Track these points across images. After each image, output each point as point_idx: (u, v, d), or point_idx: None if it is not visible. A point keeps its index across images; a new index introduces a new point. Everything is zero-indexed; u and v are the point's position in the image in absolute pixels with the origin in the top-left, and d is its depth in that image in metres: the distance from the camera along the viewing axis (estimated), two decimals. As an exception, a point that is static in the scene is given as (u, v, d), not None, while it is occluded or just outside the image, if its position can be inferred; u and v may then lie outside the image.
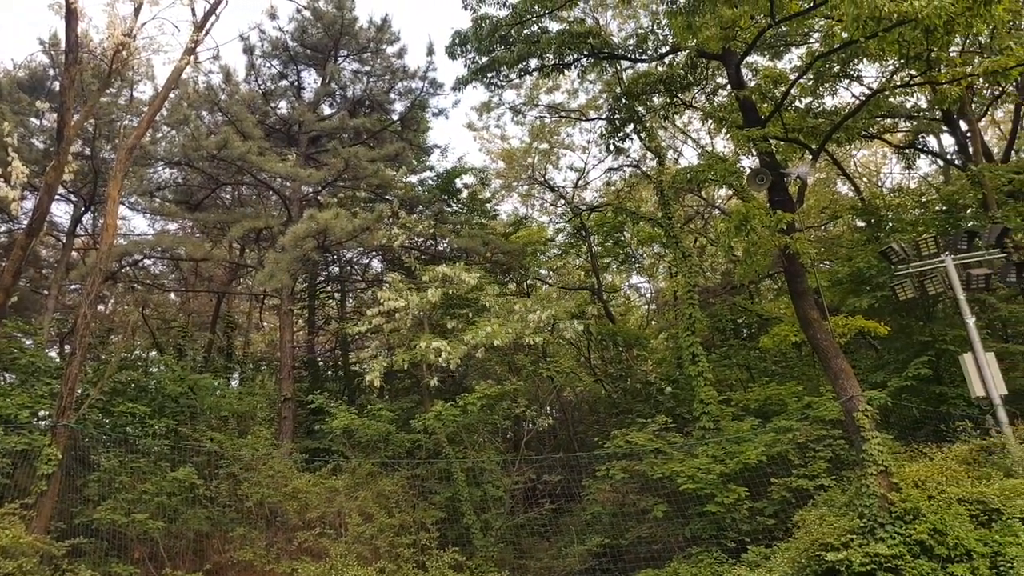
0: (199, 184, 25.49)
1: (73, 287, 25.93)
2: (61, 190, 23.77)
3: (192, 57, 17.51)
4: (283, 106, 26.18)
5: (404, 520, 16.09)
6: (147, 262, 27.40)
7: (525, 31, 17.25)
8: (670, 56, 17.88)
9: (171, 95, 21.15)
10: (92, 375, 18.25)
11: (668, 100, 18.71)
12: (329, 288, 31.02)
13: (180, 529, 15.87)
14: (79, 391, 14.38)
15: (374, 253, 26.97)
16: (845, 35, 13.09)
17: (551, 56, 17.33)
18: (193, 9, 19.30)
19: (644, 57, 17.72)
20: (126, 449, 16.79)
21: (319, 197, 24.43)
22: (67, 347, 24.69)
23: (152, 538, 14.90)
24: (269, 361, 31.08)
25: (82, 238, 26.89)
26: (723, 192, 29.22)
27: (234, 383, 28.73)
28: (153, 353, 26.48)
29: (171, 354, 24.84)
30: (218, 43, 35.20)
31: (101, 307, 27.82)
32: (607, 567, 16.49)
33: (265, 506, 16.35)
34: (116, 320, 28.35)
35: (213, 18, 19.73)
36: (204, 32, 19.38)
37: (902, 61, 13.81)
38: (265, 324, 35.16)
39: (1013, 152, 23.72)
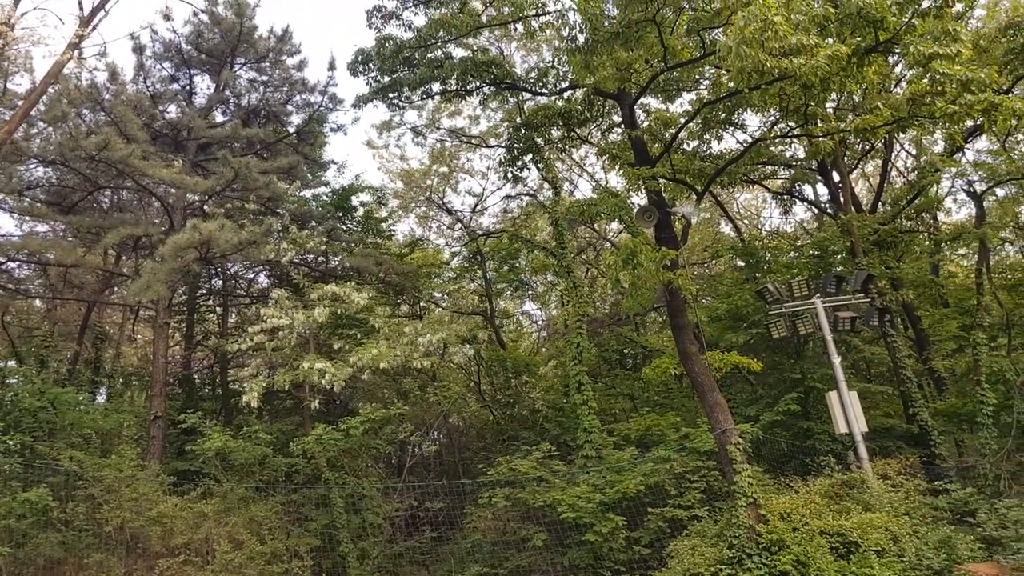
0: (75, 186, 23.94)
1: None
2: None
3: (76, 52, 16.61)
4: (172, 110, 25.02)
5: (277, 548, 15.53)
6: (11, 265, 25.44)
7: (429, 55, 17.26)
8: (569, 92, 18.31)
9: (50, 90, 19.90)
10: (-59, 385, 16.76)
11: (566, 134, 19.12)
12: (211, 302, 29.73)
13: (29, 555, 14.73)
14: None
15: (261, 268, 26.08)
16: (732, 85, 13.78)
17: (454, 82, 17.40)
18: (80, 2, 18.33)
19: (544, 91, 18.06)
20: (-30, 467, 15.48)
21: (205, 207, 23.42)
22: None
23: (-4, 565, 13.77)
24: (141, 376, 29.39)
25: (-60, 235, 24.74)
26: (614, 226, 30.05)
27: (101, 398, 26.98)
28: (11, 363, 24.54)
29: (31, 365, 23.12)
30: (106, 40, 33.30)
31: (-44, 311, 25.63)
32: (485, 596, 16.39)
33: (126, 531, 15.38)
34: (-31, 326, 26.15)
35: (102, 13, 18.85)
36: (91, 27, 18.43)
37: (782, 113, 14.61)
38: (139, 337, 33.29)
39: (880, 204, 25.49)
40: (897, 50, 12.45)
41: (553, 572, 16.59)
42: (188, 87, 25.23)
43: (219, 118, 25.45)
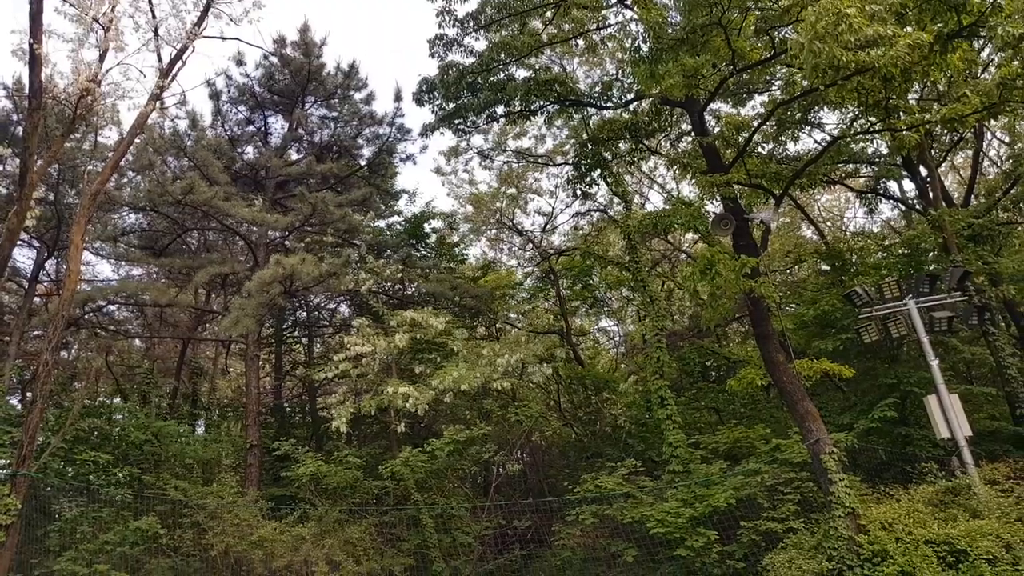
0: (164, 229, 25.21)
1: (35, 333, 25.34)
2: (24, 235, 23.43)
3: (158, 103, 17.47)
4: (250, 151, 26.16)
5: (372, 568, 15.80)
6: (111, 308, 26.91)
7: (492, 78, 17.49)
8: (635, 103, 18.25)
9: (136, 140, 21.01)
10: (54, 423, 17.80)
11: (633, 146, 19.02)
12: (296, 333, 30.68)
13: (143, 580, 15.43)
14: (40, 439, 14.03)
15: (341, 298, 26.79)
16: (806, 83, 13.43)
17: (517, 103, 17.58)
18: (159, 55, 19.31)
19: (609, 104, 18.05)
20: (88, 498, 16.41)
21: (286, 242, 24.26)
22: (28, 394, 24.05)
23: (114, 590, 14.44)
24: (235, 407, 30.51)
25: (45, 284, 26.45)
26: (689, 236, 29.57)
27: (199, 430, 28.14)
28: (117, 400, 25.88)
29: (135, 401, 24.33)
30: (184, 89, 34.85)
31: (64, 354, 27.21)
32: (579, 614, 16.23)
33: (230, 555, 15.94)
34: (79, 367, 27.72)
35: (179, 64, 19.78)
36: (170, 78, 19.37)
37: (862, 108, 14.12)
38: (231, 370, 34.58)
39: (973, 197, 24.29)
40: (983, 33, 11.88)
41: (646, 589, 16.29)
42: (263, 128, 26.30)
43: (294, 156, 26.40)
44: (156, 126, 22.87)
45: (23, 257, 25.56)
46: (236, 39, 18.64)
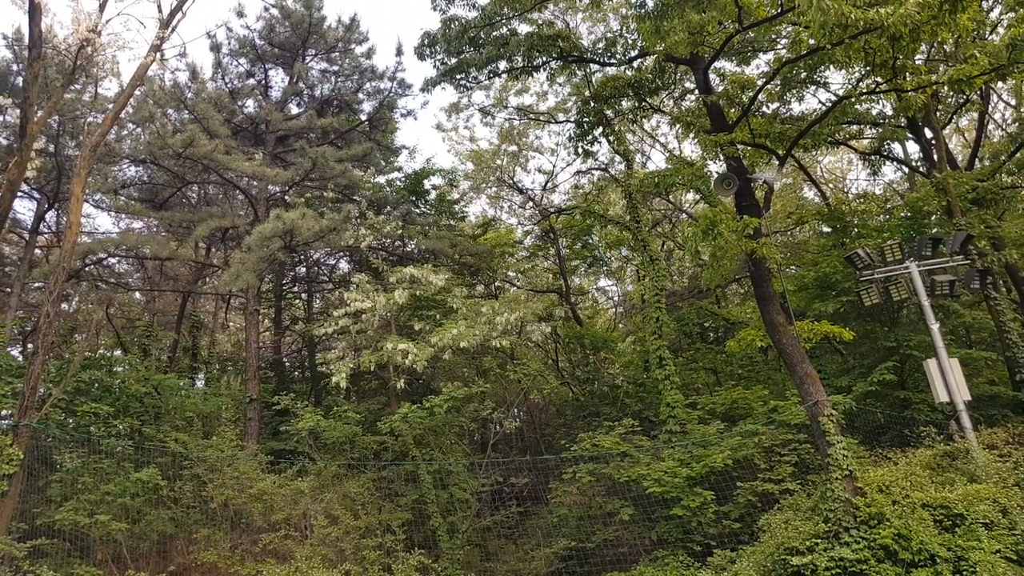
0: (165, 183, 25.10)
1: (36, 285, 25.41)
2: (24, 187, 23.30)
3: (158, 54, 17.21)
4: (250, 105, 25.85)
5: (370, 522, 15.98)
6: (111, 261, 26.94)
7: (494, 33, 17.17)
8: (639, 60, 17.91)
9: (136, 92, 20.75)
10: (55, 374, 17.90)
11: (636, 104, 18.76)
12: (296, 289, 30.72)
13: (144, 530, 15.70)
14: (41, 390, 14.12)
15: (341, 254, 26.76)
16: (812, 42, 13.17)
17: (520, 58, 17.27)
18: (159, 6, 18.97)
19: (613, 61, 17.73)
20: (89, 449, 16.54)
21: (286, 197, 24.15)
22: (30, 346, 24.17)
23: (115, 539, 14.73)
24: (235, 361, 30.69)
25: (46, 236, 26.39)
26: (691, 196, 29.41)
27: (199, 383, 28.36)
28: (117, 352, 26.01)
29: (135, 354, 24.46)
30: (185, 41, 34.49)
31: (65, 306, 27.26)
32: (573, 570, 16.48)
33: (230, 507, 16.17)
34: (80, 319, 27.81)
35: (180, 15, 19.44)
36: (170, 29, 19.05)
37: (868, 68, 13.87)
38: (231, 324, 34.72)
39: (977, 160, 24.03)
40: (994, -8, 11.62)
41: (641, 546, 16.52)
42: (264, 81, 25.98)
43: (294, 110, 26.13)
44: (156, 78, 22.59)
45: (24, 209, 25.59)
46: (236, -11, 18.32)
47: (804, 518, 12.89)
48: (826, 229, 25.18)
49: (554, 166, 30.40)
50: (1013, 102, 26.76)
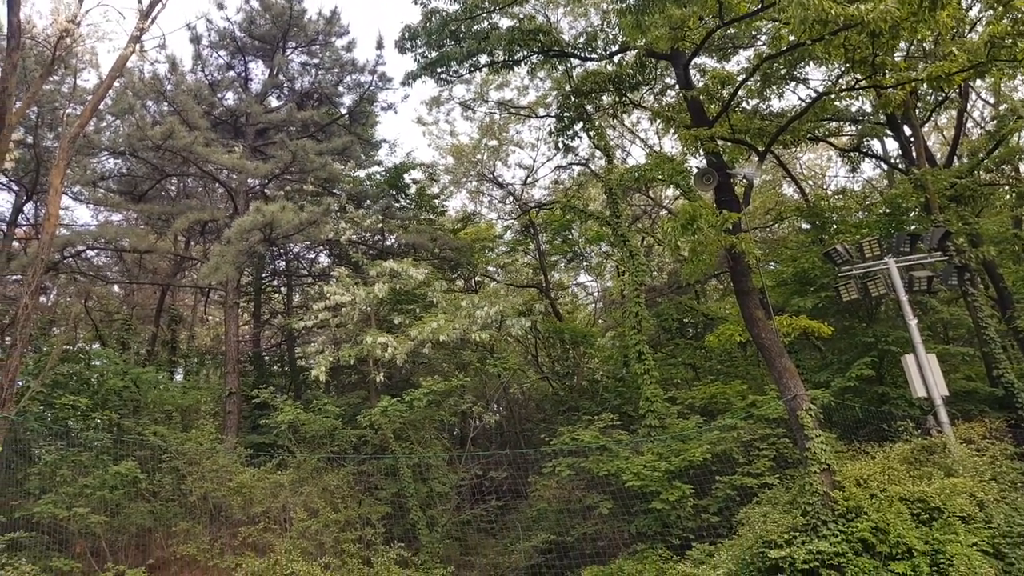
0: (144, 175, 24.85)
1: (14, 278, 25.05)
2: (3, 179, 23.05)
3: (137, 45, 17.02)
4: (230, 97, 25.66)
5: (350, 516, 15.95)
6: (90, 253, 26.62)
7: (475, 27, 17.07)
8: (619, 55, 17.89)
9: (116, 84, 20.52)
10: (33, 367, 17.71)
11: (617, 99, 18.73)
12: (276, 282, 30.55)
13: (122, 523, 15.64)
14: (19, 383, 13.96)
15: (321, 247, 26.63)
16: (793, 38, 13.20)
17: (501, 52, 17.19)
18: (139, -4, 18.78)
19: (594, 56, 17.69)
20: (67, 442, 16.41)
21: (266, 190, 24.00)
22: (7, 338, 23.89)
23: (94, 532, 14.67)
24: (214, 355, 30.49)
25: (24, 228, 26.06)
26: (670, 192, 29.50)
27: (178, 377, 28.15)
28: (96, 346, 25.78)
29: (114, 347, 24.23)
30: (165, 32, 34.17)
31: (43, 298, 26.92)
32: (553, 563, 16.51)
33: (209, 501, 16.07)
34: (58, 312, 27.49)
35: (160, 6, 19.23)
36: (150, 20, 18.84)
37: (848, 65, 13.93)
38: (210, 318, 34.46)
39: (956, 157, 24.25)
40: (974, -10, 11.69)
41: (620, 540, 16.59)
42: (244, 74, 25.79)
43: (274, 103, 25.97)
44: (136, 70, 22.44)
45: (1, 201, 25.25)
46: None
47: (782, 511, 12.95)
48: (806, 225, 25.34)
49: (534, 161, 30.46)
50: (992, 100, 27.00)
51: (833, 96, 17.54)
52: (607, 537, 16.92)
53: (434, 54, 17.74)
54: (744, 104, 17.86)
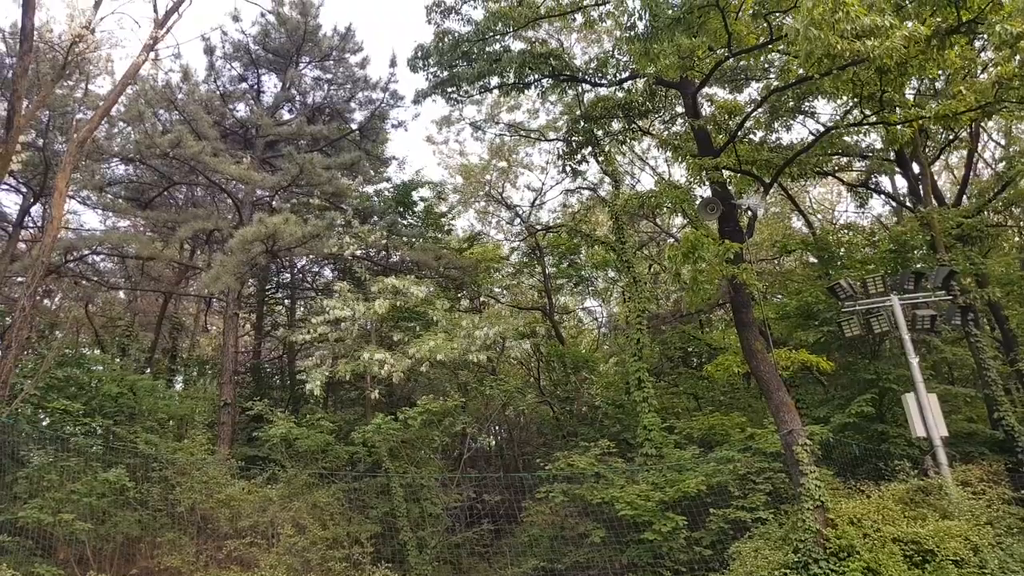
0: (151, 182, 24.98)
1: (19, 279, 25.14)
2: (10, 180, 23.18)
3: (151, 54, 17.21)
4: (241, 109, 25.84)
5: (338, 533, 15.75)
6: (95, 258, 26.70)
7: (487, 48, 17.21)
8: (629, 82, 17.98)
9: (128, 91, 20.72)
10: (30, 370, 17.64)
11: (626, 126, 18.79)
12: (279, 295, 30.55)
13: (108, 532, 15.39)
14: (13, 384, 13.90)
15: (326, 261, 26.65)
16: (801, 71, 13.22)
17: (512, 75, 17.30)
18: (155, 5, 18.99)
19: (604, 81, 17.78)
20: (58, 447, 16.25)
21: (272, 202, 24.07)
22: (5, 340, 23.90)
23: (79, 540, 14.45)
24: (214, 365, 30.42)
25: (30, 230, 26.16)
26: (678, 221, 29.49)
27: (178, 386, 28.07)
28: (97, 351, 25.75)
29: (114, 352, 24.20)
30: (179, 42, 34.59)
31: (47, 302, 27.00)
32: (543, 590, 16.29)
33: (197, 512, 15.89)
34: (61, 316, 27.53)
35: (175, 16, 19.45)
36: (165, 29, 19.05)
37: (856, 100, 13.94)
38: (212, 327, 34.45)
39: (965, 197, 24.17)
40: (982, 30, 11.66)
41: (611, 570, 16.34)
42: (256, 86, 25.98)
43: (285, 116, 26.12)
44: (149, 78, 22.62)
45: (9, 202, 25.41)
46: (233, -6, 18.26)
47: (774, 547, 12.79)
48: (812, 259, 25.24)
49: (543, 184, 30.64)
50: (1003, 141, 26.96)
51: (841, 130, 17.53)
52: (599, 566, 16.66)
53: (445, 74, 17.90)
54: (752, 135, 17.88)
